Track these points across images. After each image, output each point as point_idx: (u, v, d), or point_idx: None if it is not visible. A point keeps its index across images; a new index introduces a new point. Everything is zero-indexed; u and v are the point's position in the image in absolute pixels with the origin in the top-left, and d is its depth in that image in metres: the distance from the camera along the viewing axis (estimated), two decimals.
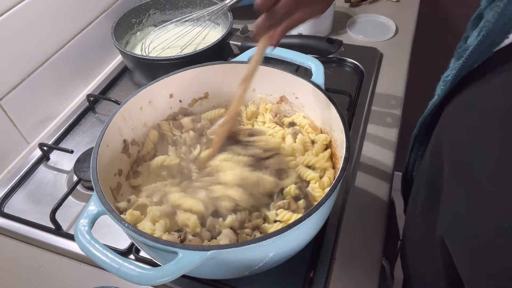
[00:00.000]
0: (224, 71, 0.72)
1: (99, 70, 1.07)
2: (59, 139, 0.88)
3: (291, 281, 0.62)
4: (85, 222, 0.49)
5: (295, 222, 0.47)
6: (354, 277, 0.63)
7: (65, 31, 0.94)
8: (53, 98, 0.94)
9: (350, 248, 0.67)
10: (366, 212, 0.72)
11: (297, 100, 0.72)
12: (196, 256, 0.45)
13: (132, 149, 0.69)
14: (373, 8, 1.21)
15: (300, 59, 0.70)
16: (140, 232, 0.48)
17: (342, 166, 0.54)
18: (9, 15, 0.79)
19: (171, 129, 0.72)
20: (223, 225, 0.57)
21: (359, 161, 0.80)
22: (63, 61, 0.94)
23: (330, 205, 0.58)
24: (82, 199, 0.77)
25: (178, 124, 0.73)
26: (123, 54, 0.93)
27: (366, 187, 0.75)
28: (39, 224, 0.72)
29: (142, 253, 0.66)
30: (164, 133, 0.72)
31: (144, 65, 0.92)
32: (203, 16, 1.00)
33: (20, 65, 0.84)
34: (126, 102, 0.65)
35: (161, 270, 0.44)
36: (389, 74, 0.98)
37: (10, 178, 0.81)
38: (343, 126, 0.59)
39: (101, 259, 0.46)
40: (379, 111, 0.90)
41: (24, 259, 0.69)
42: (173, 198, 0.59)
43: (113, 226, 0.52)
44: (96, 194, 0.52)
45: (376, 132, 0.85)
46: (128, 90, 1.00)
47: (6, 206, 0.76)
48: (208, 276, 0.59)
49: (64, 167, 0.83)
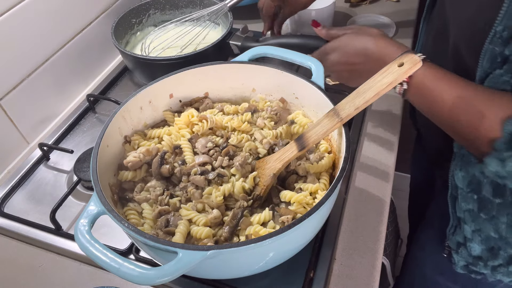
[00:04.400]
0: (224, 71, 0.72)
1: (99, 70, 1.07)
2: (59, 139, 0.88)
3: (291, 281, 0.62)
4: (85, 222, 0.49)
5: (295, 222, 0.47)
6: (354, 277, 0.63)
7: (65, 31, 0.94)
8: (53, 98, 0.94)
9: (350, 248, 0.67)
10: (366, 212, 0.72)
11: (297, 100, 0.72)
12: (196, 256, 0.45)
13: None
14: (373, 8, 1.21)
15: (300, 59, 0.70)
16: (140, 232, 0.48)
17: (342, 166, 0.54)
18: (9, 15, 0.79)
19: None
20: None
21: (359, 161, 0.80)
22: (63, 61, 0.94)
23: (330, 205, 0.58)
24: (82, 199, 0.77)
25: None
26: (123, 54, 0.93)
27: (366, 187, 0.75)
28: (39, 224, 0.72)
29: (142, 253, 0.66)
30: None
31: (144, 65, 0.92)
32: (203, 16, 1.00)
33: (20, 65, 0.84)
34: (126, 102, 0.65)
35: (161, 270, 0.44)
36: None
37: (10, 178, 0.81)
38: (343, 126, 0.59)
39: (101, 259, 0.46)
40: (379, 111, 0.90)
41: (24, 259, 0.69)
42: (184, 213, 0.59)
43: (113, 226, 0.52)
44: (96, 194, 0.52)
45: (376, 132, 0.85)
46: (128, 90, 1.00)
47: (6, 206, 0.76)
48: (208, 276, 0.59)
49: (64, 167, 0.83)
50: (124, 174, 0.64)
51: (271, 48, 0.73)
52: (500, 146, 0.49)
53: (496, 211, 0.59)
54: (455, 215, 0.66)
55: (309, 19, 1.08)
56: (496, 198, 0.58)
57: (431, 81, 0.54)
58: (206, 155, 0.65)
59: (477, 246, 0.65)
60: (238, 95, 0.77)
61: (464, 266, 0.71)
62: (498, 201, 0.58)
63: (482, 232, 0.63)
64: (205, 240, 0.55)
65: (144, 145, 0.66)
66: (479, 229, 0.63)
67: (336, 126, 0.58)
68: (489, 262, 0.66)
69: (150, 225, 0.59)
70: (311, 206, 0.60)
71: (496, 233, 0.62)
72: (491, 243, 0.63)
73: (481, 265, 0.67)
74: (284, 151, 0.61)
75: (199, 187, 0.62)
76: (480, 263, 0.67)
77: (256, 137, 0.68)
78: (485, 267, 0.67)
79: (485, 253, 0.65)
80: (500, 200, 0.58)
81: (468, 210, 0.62)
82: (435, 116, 0.57)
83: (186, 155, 0.65)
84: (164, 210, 0.59)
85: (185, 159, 0.65)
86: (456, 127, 0.54)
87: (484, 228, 0.62)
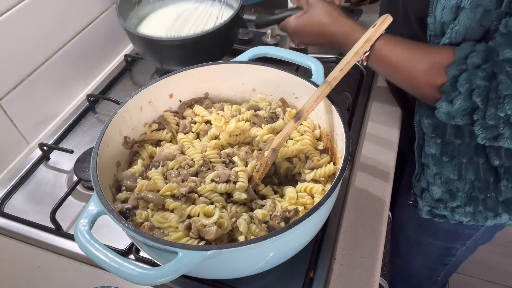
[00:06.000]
0: (224, 71, 0.72)
1: (99, 70, 1.07)
2: (59, 139, 0.88)
3: (291, 281, 0.62)
4: (85, 222, 0.49)
5: (295, 222, 0.47)
6: (354, 277, 0.63)
7: (65, 31, 0.94)
8: (53, 98, 0.94)
9: (350, 248, 0.67)
10: (366, 212, 0.72)
11: (297, 100, 0.72)
12: (196, 255, 0.45)
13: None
14: (373, 8, 1.20)
15: (300, 59, 0.70)
16: (140, 232, 0.48)
17: (342, 166, 0.54)
18: (9, 15, 0.79)
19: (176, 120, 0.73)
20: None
21: (359, 161, 0.80)
22: (63, 61, 0.94)
23: (330, 205, 0.58)
24: (82, 199, 0.77)
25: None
26: (132, 36, 0.88)
27: (366, 187, 0.75)
28: (39, 224, 0.72)
29: (142, 253, 0.66)
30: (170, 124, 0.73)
31: (156, 47, 0.88)
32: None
33: (20, 65, 0.84)
34: (126, 102, 0.65)
35: (161, 269, 0.44)
36: None
37: (10, 178, 0.81)
38: (343, 126, 0.59)
39: (101, 259, 0.46)
40: (379, 111, 0.90)
41: (24, 259, 0.69)
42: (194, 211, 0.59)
43: (113, 226, 0.52)
44: (96, 194, 0.52)
45: (376, 132, 0.85)
46: (128, 90, 1.00)
47: (6, 206, 0.76)
48: (208, 276, 0.59)
49: (64, 167, 0.83)
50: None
51: (271, 48, 0.73)
52: (447, 89, 0.58)
53: (456, 152, 0.70)
54: (420, 162, 0.76)
55: None
56: (457, 139, 0.69)
57: (386, 47, 0.64)
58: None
59: (438, 189, 0.75)
60: (238, 95, 0.77)
61: (428, 211, 0.82)
62: (459, 142, 0.69)
63: (443, 175, 0.73)
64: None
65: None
66: (440, 172, 0.73)
67: (326, 91, 0.62)
68: (448, 204, 0.76)
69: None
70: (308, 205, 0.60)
71: (455, 174, 0.72)
72: (450, 185, 0.74)
73: (441, 207, 0.78)
74: (284, 129, 0.65)
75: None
76: (441, 205, 0.77)
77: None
78: (445, 209, 0.77)
79: (445, 196, 0.75)
80: (460, 141, 0.69)
81: (431, 154, 0.72)
82: (392, 76, 0.67)
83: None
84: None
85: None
86: (410, 82, 0.64)
87: (444, 171, 0.72)
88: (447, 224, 0.84)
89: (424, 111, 0.71)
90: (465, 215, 0.77)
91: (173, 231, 0.57)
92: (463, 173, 0.71)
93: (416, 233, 0.95)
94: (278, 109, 0.72)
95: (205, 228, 0.55)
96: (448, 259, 0.98)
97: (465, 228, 0.85)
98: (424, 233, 0.93)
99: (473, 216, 0.76)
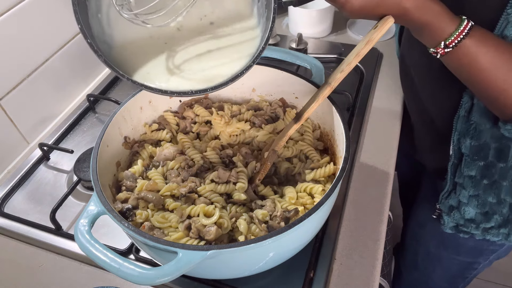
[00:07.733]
0: None
1: (99, 70, 1.07)
2: (59, 139, 0.88)
3: (291, 281, 0.62)
4: (85, 222, 0.49)
5: (295, 222, 0.47)
6: (354, 277, 0.63)
7: (65, 31, 0.94)
8: (53, 98, 0.94)
9: (350, 248, 0.67)
10: (366, 212, 0.72)
11: (297, 100, 0.72)
12: (196, 255, 0.45)
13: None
14: None
15: (300, 59, 0.70)
16: (140, 232, 0.48)
17: (342, 166, 0.54)
18: (9, 15, 0.79)
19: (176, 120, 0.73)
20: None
21: (359, 161, 0.80)
22: (63, 61, 0.94)
23: (330, 205, 0.58)
24: (82, 199, 0.77)
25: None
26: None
27: (366, 187, 0.75)
28: (39, 224, 0.72)
29: (142, 253, 0.66)
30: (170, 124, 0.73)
31: None
32: None
33: (20, 65, 0.84)
34: (126, 102, 0.65)
35: (161, 269, 0.44)
36: (389, 74, 0.98)
37: (10, 178, 0.81)
38: (343, 126, 0.59)
39: (101, 259, 0.46)
40: (379, 111, 0.90)
41: (24, 259, 0.69)
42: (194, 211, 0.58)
43: (113, 226, 0.52)
44: (96, 194, 0.52)
45: (376, 132, 0.85)
46: (128, 90, 1.00)
47: (6, 206, 0.76)
48: (208, 276, 0.59)
49: (64, 167, 0.83)
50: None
51: (271, 48, 0.73)
52: None
53: (498, 175, 0.65)
54: (452, 181, 0.71)
55: (310, 19, 1.08)
56: (500, 163, 0.64)
57: (478, 48, 0.53)
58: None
59: (472, 210, 0.71)
60: (238, 95, 0.77)
61: (453, 227, 0.77)
62: (501, 165, 0.64)
63: (480, 198, 0.69)
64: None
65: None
66: (477, 194, 0.69)
67: (326, 92, 0.61)
68: (481, 225, 0.73)
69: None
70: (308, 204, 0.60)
71: (494, 198, 0.68)
72: (487, 207, 0.70)
73: (472, 227, 0.74)
74: (284, 129, 0.64)
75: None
76: (472, 225, 0.74)
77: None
78: (476, 228, 0.74)
79: (479, 217, 0.72)
80: (503, 164, 0.64)
81: (470, 176, 0.68)
82: (470, 78, 0.56)
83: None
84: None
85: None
86: (488, 90, 0.55)
87: (483, 193, 0.68)
88: (472, 240, 0.81)
89: (469, 132, 0.64)
90: (497, 235, 0.74)
91: (173, 231, 0.57)
92: (503, 196, 0.67)
93: (438, 248, 0.90)
94: (278, 109, 0.72)
95: (205, 228, 0.55)
96: (469, 273, 0.94)
97: (490, 244, 0.81)
98: (446, 249, 0.89)
99: (506, 237, 0.74)
